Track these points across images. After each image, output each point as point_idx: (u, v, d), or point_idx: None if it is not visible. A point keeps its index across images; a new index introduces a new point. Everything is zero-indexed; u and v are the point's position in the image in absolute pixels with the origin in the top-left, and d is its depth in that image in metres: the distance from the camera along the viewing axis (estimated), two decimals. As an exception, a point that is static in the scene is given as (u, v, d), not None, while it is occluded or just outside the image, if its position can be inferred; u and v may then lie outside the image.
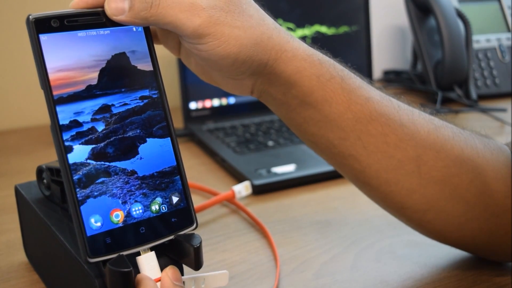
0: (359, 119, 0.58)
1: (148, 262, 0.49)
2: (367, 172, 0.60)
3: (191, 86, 1.13)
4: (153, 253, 0.49)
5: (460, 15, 1.34)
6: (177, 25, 0.51)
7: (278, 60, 0.56)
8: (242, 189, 0.84)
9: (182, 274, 0.52)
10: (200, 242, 0.50)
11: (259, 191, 0.87)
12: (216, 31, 0.52)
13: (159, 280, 0.49)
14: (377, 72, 1.50)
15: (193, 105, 1.15)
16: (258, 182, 0.88)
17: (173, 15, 0.51)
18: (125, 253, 0.48)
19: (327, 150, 0.61)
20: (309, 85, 0.57)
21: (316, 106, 0.58)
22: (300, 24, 1.25)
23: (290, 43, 0.57)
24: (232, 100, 1.18)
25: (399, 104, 0.60)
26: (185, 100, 1.14)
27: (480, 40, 1.43)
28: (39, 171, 0.63)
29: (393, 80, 1.49)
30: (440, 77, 1.32)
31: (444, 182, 0.60)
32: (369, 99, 0.58)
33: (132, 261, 0.48)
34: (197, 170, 0.98)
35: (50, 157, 0.62)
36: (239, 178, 0.92)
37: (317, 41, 1.25)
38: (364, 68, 1.31)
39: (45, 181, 0.62)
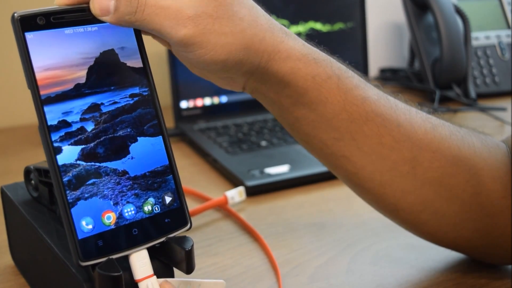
0: (354, 119, 0.57)
1: (140, 260, 0.48)
2: (361, 174, 0.60)
3: (182, 85, 1.12)
4: (145, 251, 0.49)
5: (459, 11, 1.34)
6: (162, 33, 0.51)
7: (271, 61, 0.55)
8: (236, 194, 0.82)
9: (173, 278, 0.52)
10: (192, 245, 0.50)
11: (252, 192, 0.86)
12: (202, 41, 0.51)
13: (151, 276, 0.48)
14: (373, 70, 1.50)
15: (184, 104, 1.13)
16: (251, 183, 0.86)
17: (158, 22, 0.50)
18: (118, 255, 0.47)
19: (319, 150, 0.60)
20: (303, 85, 0.56)
21: (310, 106, 0.57)
22: (294, 21, 1.23)
23: (284, 43, 0.55)
24: (224, 99, 1.17)
25: (396, 103, 0.60)
26: (176, 98, 1.12)
27: (479, 37, 1.42)
28: (27, 172, 0.62)
29: (390, 78, 1.49)
30: (438, 75, 1.31)
31: (440, 183, 0.59)
32: (366, 99, 0.58)
33: (124, 263, 0.48)
34: (189, 171, 0.97)
35: (38, 158, 0.61)
36: (231, 179, 0.91)
37: (312, 38, 1.23)
38: (360, 66, 1.30)
39: (33, 182, 0.62)
